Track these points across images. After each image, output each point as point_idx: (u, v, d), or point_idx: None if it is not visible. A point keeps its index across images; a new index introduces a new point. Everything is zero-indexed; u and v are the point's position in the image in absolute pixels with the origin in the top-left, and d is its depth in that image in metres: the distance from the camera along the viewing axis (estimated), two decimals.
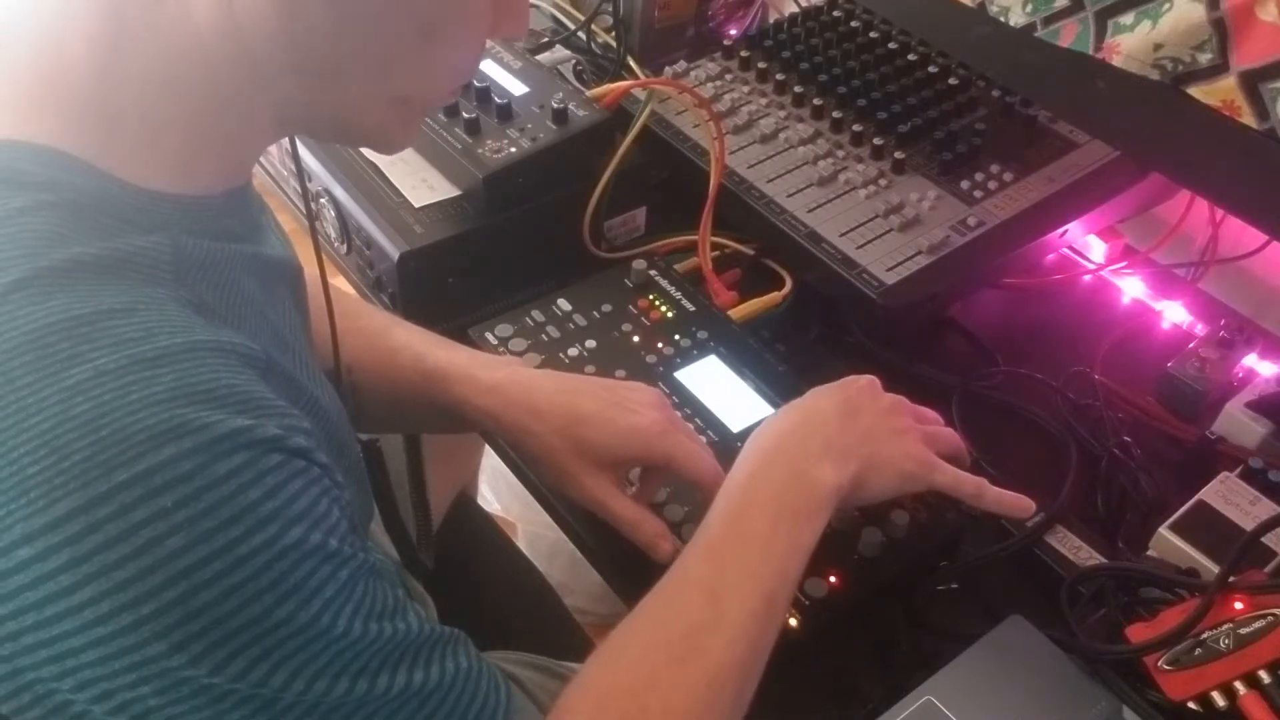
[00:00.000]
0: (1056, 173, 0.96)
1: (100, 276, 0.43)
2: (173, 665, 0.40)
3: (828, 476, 0.61)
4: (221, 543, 0.40)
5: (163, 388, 0.40)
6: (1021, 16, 0.68)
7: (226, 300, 0.49)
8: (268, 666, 0.42)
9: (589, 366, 0.79)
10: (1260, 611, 0.61)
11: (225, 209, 0.52)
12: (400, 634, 0.47)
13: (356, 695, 0.45)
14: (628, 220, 0.98)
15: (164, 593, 0.39)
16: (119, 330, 0.41)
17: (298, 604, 0.42)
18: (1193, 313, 0.97)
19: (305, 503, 0.43)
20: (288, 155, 0.99)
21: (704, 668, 0.55)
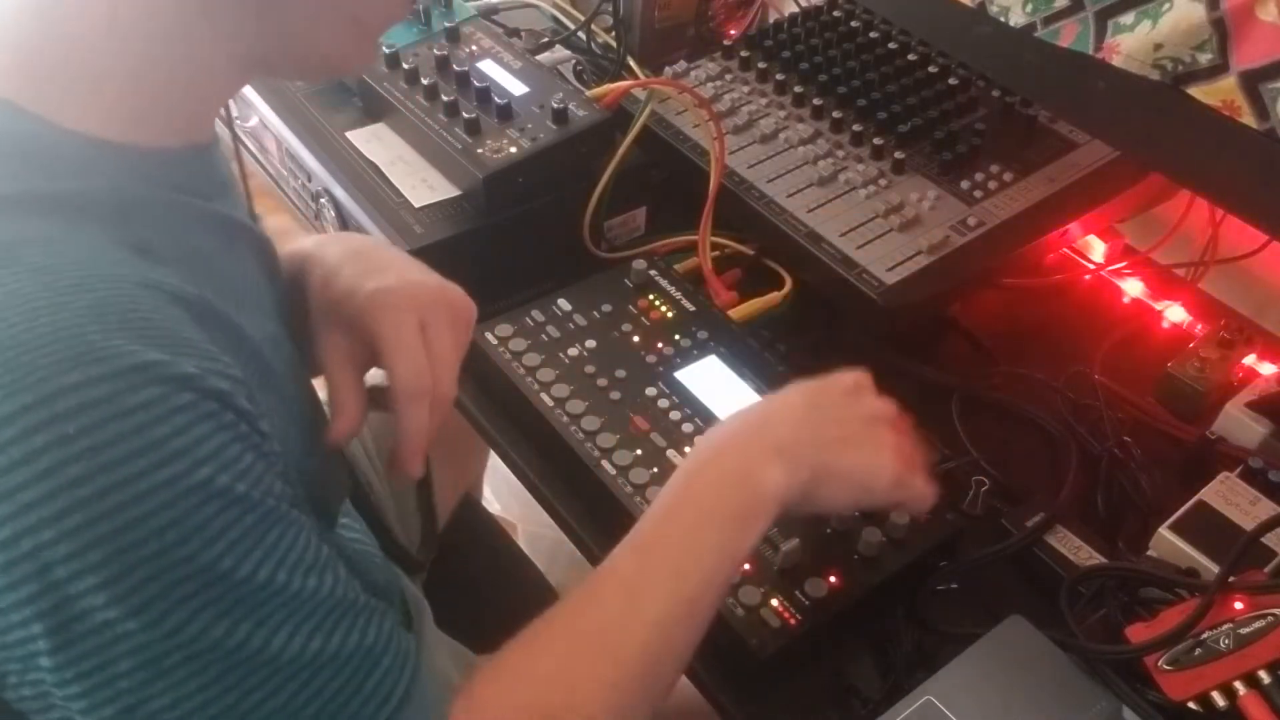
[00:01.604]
0: (1056, 173, 0.96)
1: (31, 211, 0.43)
2: (70, 594, 0.40)
3: (774, 479, 0.58)
4: (122, 475, 0.40)
5: (74, 314, 0.40)
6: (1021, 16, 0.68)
7: (171, 245, 0.48)
8: (164, 605, 0.41)
9: (589, 366, 0.79)
10: (1260, 611, 0.61)
11: (184, 163, 0.51)
12: (309, 591, 0.46)
13: (250, 649, 0.43)
14: (628, 220, 0.98)
15: (63, 520, 0.39)
16: (35, 258, 0.41)
17: (200, 544, 0.42)
18: (1193, 313, 0.97)
19: (214, 445, 0.43)
20: (288, 155, 0.99)
21: (614, 665, 0.54)
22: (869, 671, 0.68)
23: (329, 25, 0.52)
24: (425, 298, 0.62)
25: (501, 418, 0.83)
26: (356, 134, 0.96)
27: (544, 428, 0.76)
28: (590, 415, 0.75)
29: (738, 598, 0.65)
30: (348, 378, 0.61)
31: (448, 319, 0.62)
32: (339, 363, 0.61)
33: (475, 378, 0.85)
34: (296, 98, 1.01)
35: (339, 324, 0.61)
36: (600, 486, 0.72)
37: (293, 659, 0.45)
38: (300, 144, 0.96)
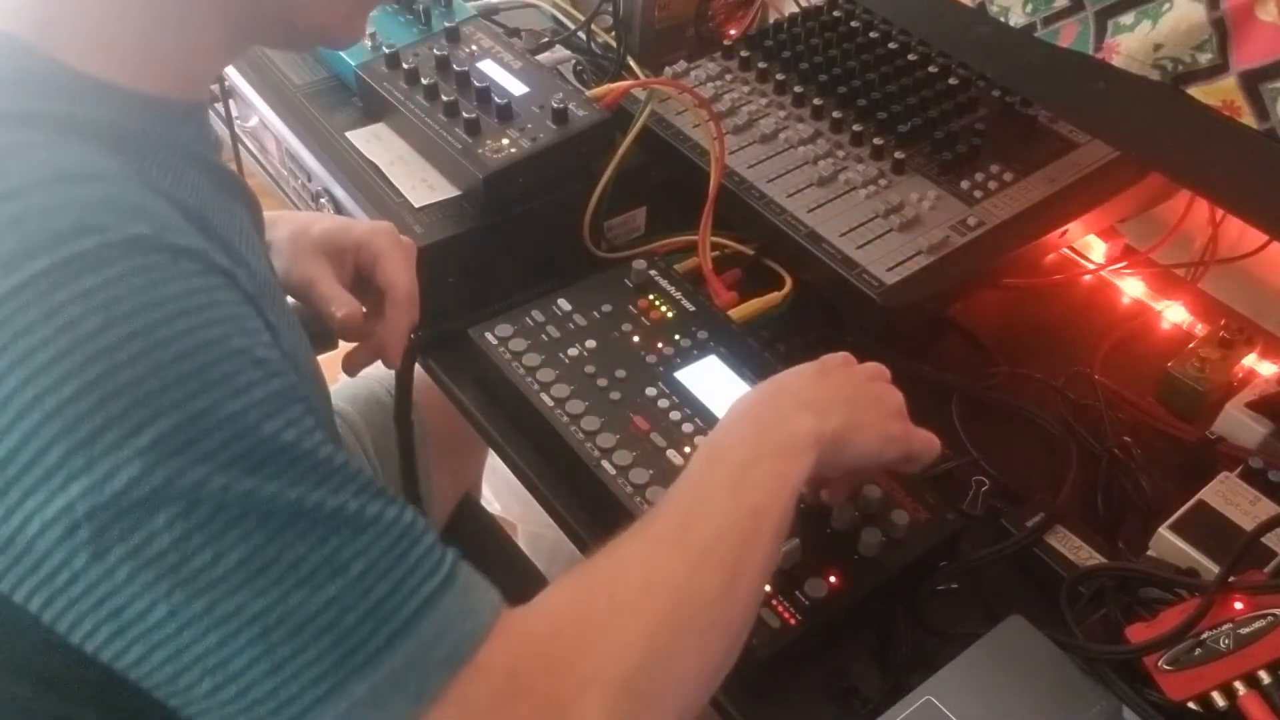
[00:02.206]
0: (1056, 173, 0.96)
1: (37, 125, 0.44)
2: (96, 453, 0.40)
3: (807, 423, 0.60)
4: (141, 324, 0.41)
5: (90, 191, 0.42)
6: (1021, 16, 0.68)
7: (170, 180, 0.49)
8: (191, 456, 0.41)
9: (589, 366, 0.79)
10: (1260, 611, 0.61)
11: (183, 115, 0.53)
12: (340, 462, 0.46)
13: (285, 500, 0.43)
14: (628, 220, 0.98)
15: (85, 371, 0.40)
16: (47, 156, 0.43)
17: (223, 396, 0.42)
18: (1193, 313, 0.97)
19: (230, 310, 0.44)
20: (288, 155, 0.99)
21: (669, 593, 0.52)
22: (869, 671, 0.68)
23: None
24: (395, 233, 0.78)
25: (501, 418, 0.83)
26: (356, 134, 0.96)
27: (544, 428, 0.76)
28: (590, 415, 0.75)
29: None
30: (338, 287, 0.72)
31: (408, 247, 0.78)
32: (330, 276, 0.72)
33: (475, 378, 0.85)
34: (296, 98, 1.01)
35: (326, 255, 0.73)
36: (600, 486, 0.72)
37: (332, 513, 0.44)
38: (300, 144, 0.96)
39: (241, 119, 1.07)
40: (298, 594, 0.42)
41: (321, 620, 0.43)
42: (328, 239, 0.74)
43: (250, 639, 0.42)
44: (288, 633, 0.42)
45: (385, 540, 0.45)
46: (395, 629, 0.44)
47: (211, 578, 0.41)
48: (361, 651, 0.43)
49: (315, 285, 0.72)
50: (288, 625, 0.42)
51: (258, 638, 0.42)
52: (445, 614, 0.46)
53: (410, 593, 0.45)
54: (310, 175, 0.95)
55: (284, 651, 0.42)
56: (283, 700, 0.42)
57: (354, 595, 0.43)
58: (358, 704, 0.43)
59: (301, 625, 0.42)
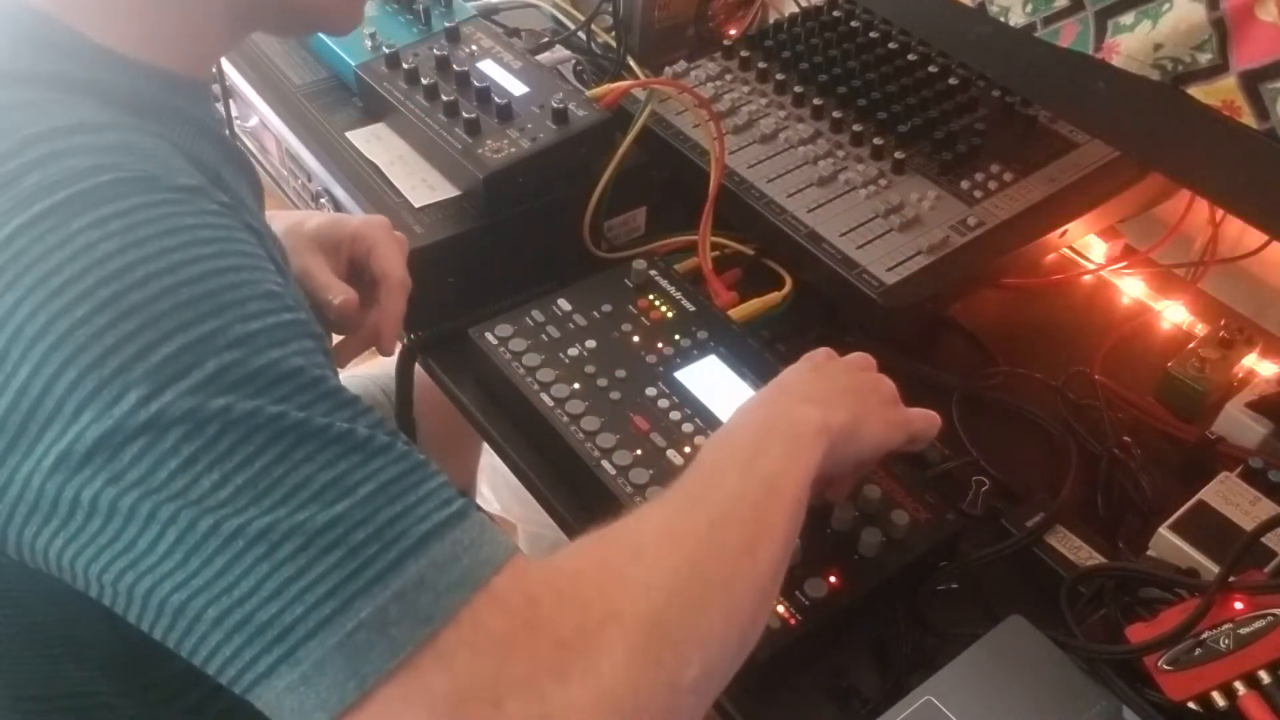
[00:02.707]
0: (1056, 173, 0.96)
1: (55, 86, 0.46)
2: (105, 376, 0.40)
3: (813, 414, 0.60)
4: (155, 249, 0.42)
5: (108, 140, 0.44)
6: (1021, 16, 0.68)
7: (183, 141, 0.50)
8: (200, 376, 0.41)
9: (589, 366, 0.79)
10: (1260, 611, 0.61)
11: (189, 90, 0.54)
12: (350, 396, 0.46)
13: (292, 419, 0.43)
14: (628, 220, 0.98)
15: (96, 293, 0.40)
16: (66, 110, 0.45)
17: (233, 319, 0.43)
18: (1193, 313, 0.97)
19: (244, 246, 0.45)
20: (288, 155, 0.99)
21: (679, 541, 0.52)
22: (869, 671, 0.68)
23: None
24: (389, 225, 0.80)
25: (501, 418, 0.83)
26: (356, 134, 0.96)
27: (544, 428, 0.76)
28: (590, 415, 0.75)
29: None
30: (334, 277, 0.74)
31: (401, 240, 0.80)
32: (325, 268, 0.74)
33: (475, 378, 0.85)
34: (296, 98, 1.01)
35: (321, 248, 0.75)
36: (600, 486, 0.72)
37: (341, 436, 0.44)
38: (300, 144, 0.96)
39: (241, 119, 1.07)
40: (303, 512, 0.42)
41: (327, 537, 0.42)
42: (322, 233, 0.76)
43: (255, 559, 0.41)
44: (292, 551, 0.41)
45: (396, 468, 0.45)
46: (405, 549, 0.43)
47: (219, 498, 0.41)
48: (369, 570, 0.42)
49: (311, 276, 0.73)
50: (292, 543, 0.41)
51: (262, 558, 0.41)
52: (458, 541, 0.44)
53: (421, 518, 0.44)
54: (310, 175, 0.95)
55: (288, 570, 0.41)
56: (288, 623, 0.41)
57: (362, 514, 0.43)
58: (364, 624, 0.41)
59: (306, 543, 0.41)
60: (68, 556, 0.42)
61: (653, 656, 0.46)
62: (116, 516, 0.41)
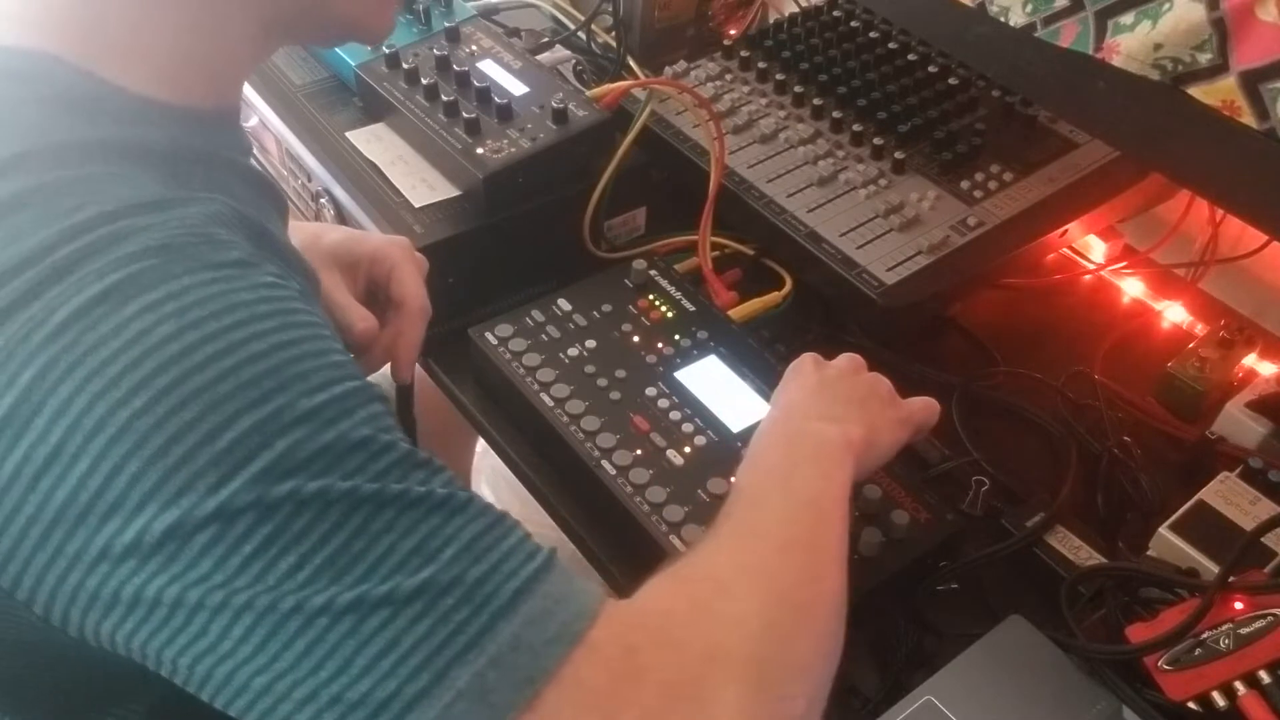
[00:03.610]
0: (1056, 173, 0.96)
1: (99, 157, 0.44)
2: (169, 466, 0.38)
3: (833, 433, 0.60)
4: (213, 329, 0.40)
5: (155, 220, 0.42)
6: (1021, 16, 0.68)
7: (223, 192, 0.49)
8: (268, 459, 0.39)
9: (589, 366, 0.79)
10: (1260, 611, 0.61)
11: (218, 124, 0.53)
12: (424, 456, 0.44)
13: (366, 492, 0.41)
14: (628, 220, 0.98)
15: (155, 381, 0.39)
16: (117, 190, 0.43)
17: (298, 394, 0.41)
18: (1193, 313, 0.97)
19: (304, 316, 0.43)
20: (288, 155, 0.99)
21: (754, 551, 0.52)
22: (869, 671, 0.68)
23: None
24: (410, 246, 0.78)
25: (501, 418, 0.83)
26: (356, 134, 0.96)
27: (544, 428, 0.76)
28: (590, 415, 0.75)
29: None
30: (353, 300, 0.73)
31: (421, 261, 0.78)
32: (343, 288, 0.73)
33: (475, 378, 0.85)
34: (296, 98, 1.01)
35: (339, 266, 0.73)
36: (600, 486, 0.72)
37: (418, 500, 0.42)
38: (300, 144, 0.96)
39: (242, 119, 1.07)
40: (387, 583, 0.40)
41: (415, 606, 0.40)
42: (341, 249, 0.74)
43: (340, 636, 0.39)
44: (380, 623, 0.39)
45: (476, 526, 0.43)
46: (496, 609, 0.41)
47: (297, 580, 0.39)
48: (462, 635, 0.40)
49: (329, 296, 0.71)
50: (379, 616, 0.39)
51: (348, 634, 0.39)
52: (548, 595, 0.43)
53: (509, 575, 0.42)
54: (310, 175, 0.95)
55: (378, 644, 0.39)
56: (381, 699, 0.39)
57: (448, 577, 0.41)
58: (463, 693, 0.39)
59: (393, 614, 0.40)
60: (137, 643, 0.41)
61: (761, 694, 0.45)
62: (190, 609, 0.39)
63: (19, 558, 0.40)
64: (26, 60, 0.46)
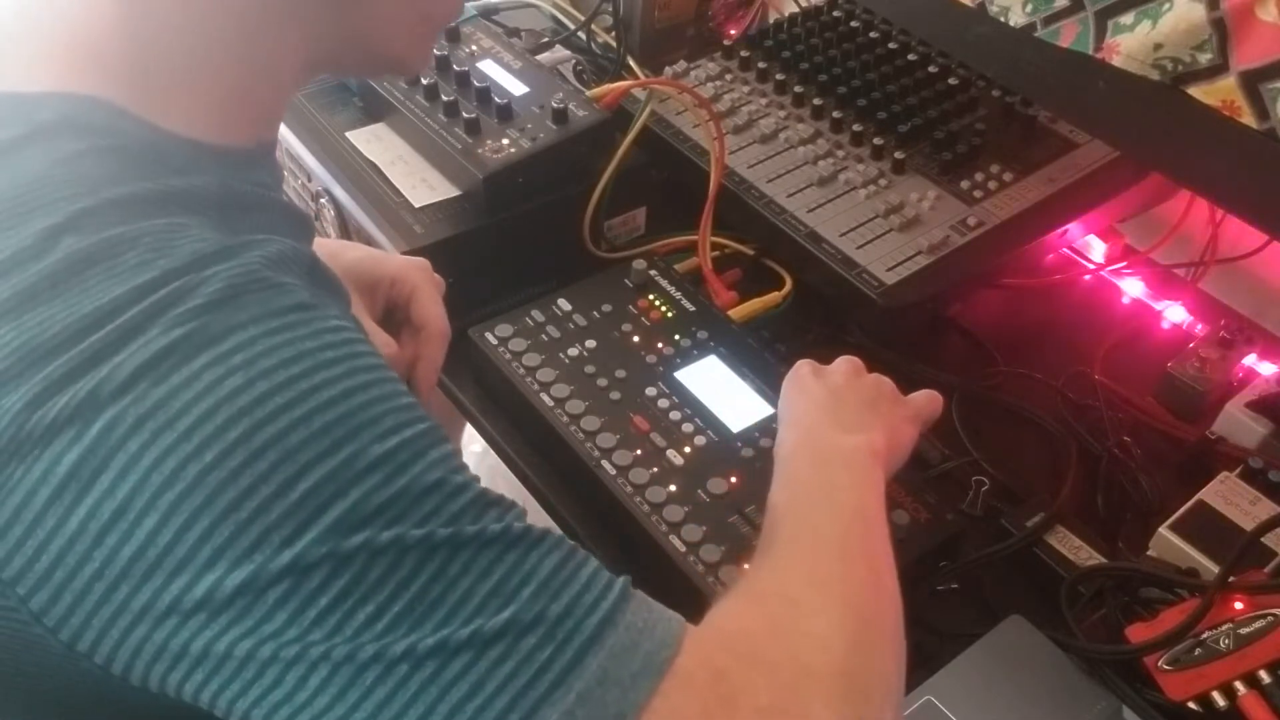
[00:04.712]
0: (1056, 173, 0.96)
1: (158, 208, 0.44)
2: (242, 520, 0.38)
3: (856, 442, 0.61)
4: (281, 379, 0.39)
5: (221, 270, 0.41)
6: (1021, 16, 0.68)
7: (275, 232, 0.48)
8: (342, 508, 0.39)
9: (589, 366, 0.79)
10: (1260, 611, 0.61)
11: (259, 160, 0.52)
12: (495, 496, 0.44)
13: (440, 538, 0.40)
14: (628, 220, 0.98)
15: (225, 434, 0.38)
16: (180, 243, 0.42)
17: (370, 439, 0.40)
18: (1193, 313, 0.97)
19: (368, 359, 0.43)
20: (288, 155, 0.99)
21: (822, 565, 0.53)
22: None
23: (404, 25, 0.53)
24: (429, 268, 0.79)
25: (501, 418, 0.83)
26: (356, 134, 0.96)
27: (544, 428, 0.76)
28: (590, 415, 0.75)
29: None
30: (373, 323, 0.73)
31: (440, 283, 0.79)
32: (363, 310, 0.73)
33: (475, 378, 0.85)
34: (297, 98, 1.01)
35: (357, 286, 0.73)
36: (600, 486, 0.72)
37: (492, 539, 0.42)
38: (300, 144, 0.96)
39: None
40: (467, 627, 0.39)
41: (498, 648, 0.39)
42: (360, 270, 0.74)
43: (422, 683, 0.39)
44: (462, 668, 0.39)
45: (552, 560, 0.43)
46: (581, 644, 0.41)
47: (375, 630, 0.39)
48: (547, 674, 0.40)
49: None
50: (461, 660, 0.39)
51: (429, 680, 0.39)
52: (630, 626, 0.42)
53: (589, 609, 0.42)
54: (310, 175, 0.95)
55: (462, 689, 0.39)
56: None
57: (530, 616, 0.40)
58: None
59: (476, 657, 0.39)
60: (207, 695, 0.40)
61: (851, 708, 0.45)
62: (264, 663, 0.39)
63: (81, 611, 0.39)
64: (80, 107, 0.45)
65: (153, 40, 0.47)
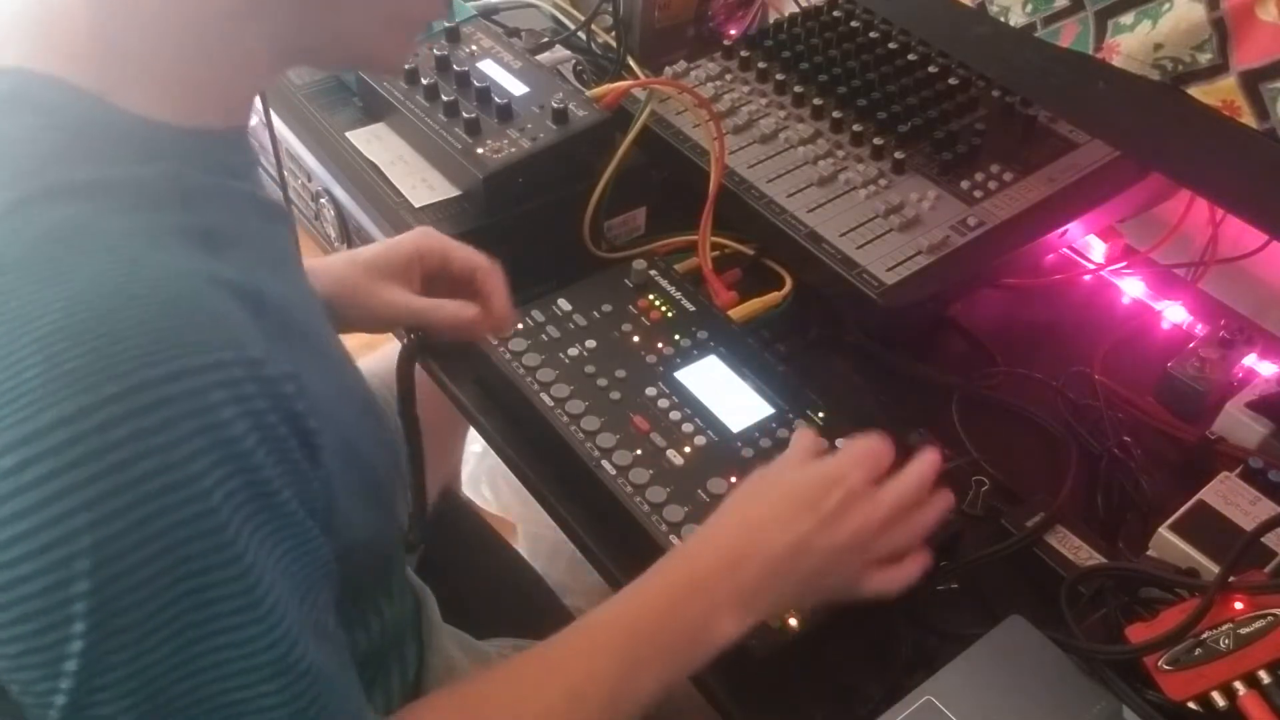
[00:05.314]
0: (1056, 173, 0.96)
1: (104, 197, 0.44)
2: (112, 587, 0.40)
3: (727, 632, 0.59)
4: (188, 473, 0.40)
5: (158, 305, 0.41)
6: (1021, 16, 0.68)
7: (230, 229, 0.49)
8: (201, 600, 0.41)
9: (589, 366, 0.79)
10: (1260, 611, 0.61)
11: (228, 144, 0.52)
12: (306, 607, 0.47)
13: (275, 656, 0.44)
14: (628, 220, 0.98)
15: (130, 513, 0.39)
16: (119, 246, 0.42)
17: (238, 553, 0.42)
18: (1193, 313, 0.97)
19: (267, 456, 0.44)
20: (288, 155, 0.99)
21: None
22: (869, 671, 0.68)
23: (376, 23, 0.53)
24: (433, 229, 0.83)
25: (501, 418, 0.83)
26: (356, 134, 0.96)
27: (544, 428, 0.76)
28: (590, 415, 0.75)
29: None
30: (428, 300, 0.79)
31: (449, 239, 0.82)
32: (408, 294, 0.78)
33: (475, 378, 0.85)
34: (296, 98, 1.01)
35: (387, 276, 0.78)
36: (600, 486, 0.72)
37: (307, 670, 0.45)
38: (300, 144, 0.96)
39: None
40: None
41: None
42: (381, 261, 0.78)
43: None
44: None
45: (336, 683, 0.47)
46: None
47: None
48: None
49: (407, 306, 0.77)
50: None
51: None
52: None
53: None
54: (310, 175, 0.95)
55: None
56: None
57: None
58: None
59: None
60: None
61: None
62: (92, 681, 0.41)
63: None
64: (43, 86, 0.45)
65: (117, 23, 0.47)
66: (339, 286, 0.76)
